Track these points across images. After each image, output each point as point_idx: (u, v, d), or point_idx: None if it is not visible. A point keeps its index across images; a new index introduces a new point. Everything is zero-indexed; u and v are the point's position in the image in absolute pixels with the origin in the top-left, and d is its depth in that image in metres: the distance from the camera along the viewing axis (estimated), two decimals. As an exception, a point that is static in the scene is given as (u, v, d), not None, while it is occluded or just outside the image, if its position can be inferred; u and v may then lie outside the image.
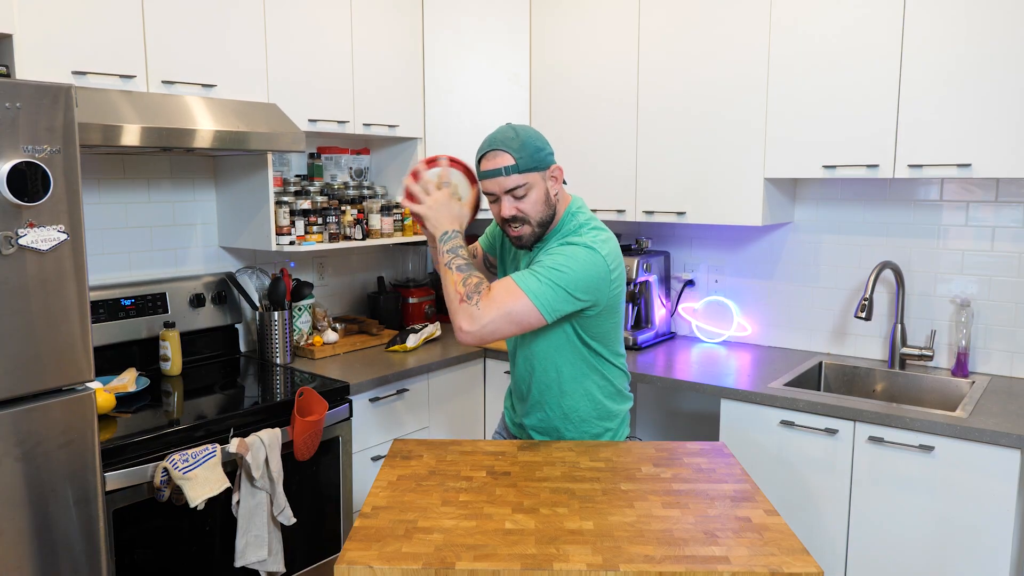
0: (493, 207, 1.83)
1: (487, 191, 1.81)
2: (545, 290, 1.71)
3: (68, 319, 1.77)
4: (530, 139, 1.77)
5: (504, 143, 1.76)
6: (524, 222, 1.80)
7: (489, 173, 1.77)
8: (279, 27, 2.63)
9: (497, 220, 1.84)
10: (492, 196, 1.81)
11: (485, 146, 1.79)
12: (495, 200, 1.81)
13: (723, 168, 2.80)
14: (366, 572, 1.32)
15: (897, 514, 2.26)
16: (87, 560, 1.82)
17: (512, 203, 1.78)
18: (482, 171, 1.79)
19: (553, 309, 1.72)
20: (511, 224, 1.81)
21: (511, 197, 1.78)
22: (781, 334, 3.09)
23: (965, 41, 2.32)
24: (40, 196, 1.68)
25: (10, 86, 1.64)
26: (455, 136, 3.22)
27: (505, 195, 1.78)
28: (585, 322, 1.84)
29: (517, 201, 1.78)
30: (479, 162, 1.80)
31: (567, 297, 1.72)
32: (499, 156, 1.76)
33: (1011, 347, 2.62)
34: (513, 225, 1.81)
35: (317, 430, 2.28)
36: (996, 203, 2.61)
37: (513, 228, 1.82)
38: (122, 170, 2.63)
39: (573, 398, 1.91)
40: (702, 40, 2.80)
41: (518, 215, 1.79)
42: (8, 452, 1.69)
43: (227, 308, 2.83)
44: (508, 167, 1.75)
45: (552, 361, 1.90)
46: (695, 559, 1.35)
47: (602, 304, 1.81)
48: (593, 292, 1.76)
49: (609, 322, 1.87)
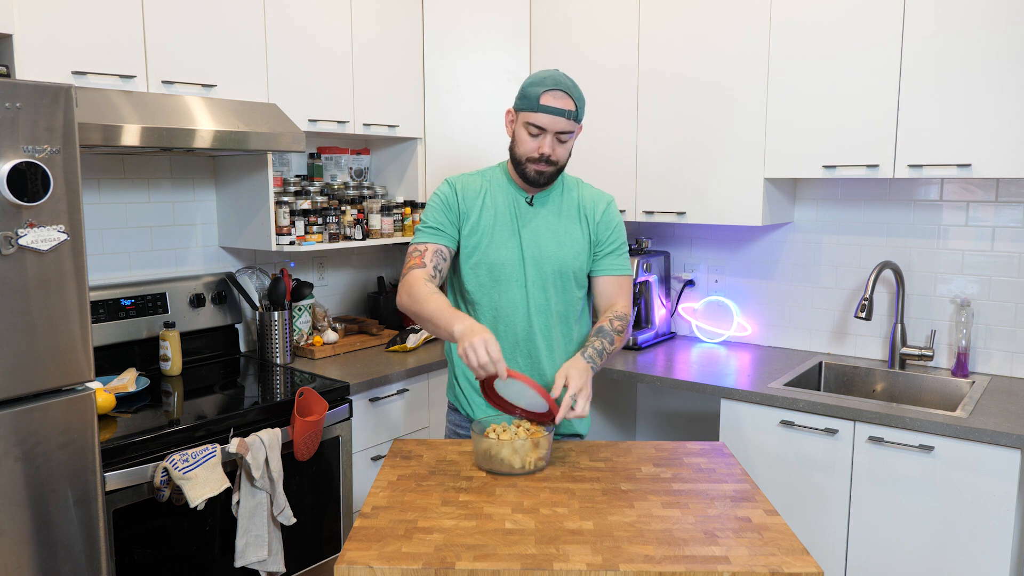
0: (531, 141, 1.86)
1: (538, 123, 1.84)
2: (628, 261, 2.02)
3: (68, 319, 1.77)
4: (582, 92, 1.90)
5: (569, 88, 1.84)
6: (554, 163, 1.89)
7: (553, 110, 1.82)
8: (279, 27, 2.63)
9: (528, 153, 1.88)
10: (538, 130, 1.85)
11: (550, 83, 1.83)
12: (537, 135, 1.85)
13: (723, 168, 2.80)
14: (366, 572, 1.32)
15: (897, 514, 2.26)
16: (87, 560, 1.82)
17: (553, 143, 1.86)
18: (544, 105, 1.82)
19: (630, 265, 2.03)
20: (543, 162, 1.87)
21: (557, 139, 1.86)
22: (781, 334, 3.09)
23: (965, 41, 2.32)
24: (40, 196, 1.68)
25: (10, 86, 1.64)
26: (455, 136, 3.22)
27: (553, 135, 1.85)
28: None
29: (558, 144, 1.87)
30: (539, 95, 1.83)
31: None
32: (564, 98, 1.83)
33: (1011, 347, 2.62)
34: (543, 164, 1.88)
35: (317, 430, 2.28)
36: (996, 203, 2.61)
37: (542, 166, 1.88)
38: (122, 170, 2.63)
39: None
40: (702, 41, 2.80)
41: (552, 156, 1.87)
42: (8, 452, 1.69)
43: (227, 308, 2.83)
44: (571, 112, 1.84)
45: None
46: (695, 559, 1.35)
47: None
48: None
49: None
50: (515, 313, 1.95)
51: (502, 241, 1.94)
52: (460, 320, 1.71)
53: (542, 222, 1.96)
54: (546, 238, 1.95)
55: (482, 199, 1.96)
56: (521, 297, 1.95)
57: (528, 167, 1.89)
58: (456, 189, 1.96)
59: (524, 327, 1.96)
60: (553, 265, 1.94)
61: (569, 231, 1.96)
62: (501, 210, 1.95)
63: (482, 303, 1.96)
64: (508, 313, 1.95)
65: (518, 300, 1.95)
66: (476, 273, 1.95)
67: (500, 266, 1.93)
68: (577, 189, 2.01)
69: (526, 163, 1.89)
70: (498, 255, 1.93)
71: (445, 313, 1.75)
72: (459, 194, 1.96)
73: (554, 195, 1.98)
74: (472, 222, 1.94)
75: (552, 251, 1.94)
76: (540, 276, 1.94)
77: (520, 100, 1.87)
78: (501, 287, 1.94)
